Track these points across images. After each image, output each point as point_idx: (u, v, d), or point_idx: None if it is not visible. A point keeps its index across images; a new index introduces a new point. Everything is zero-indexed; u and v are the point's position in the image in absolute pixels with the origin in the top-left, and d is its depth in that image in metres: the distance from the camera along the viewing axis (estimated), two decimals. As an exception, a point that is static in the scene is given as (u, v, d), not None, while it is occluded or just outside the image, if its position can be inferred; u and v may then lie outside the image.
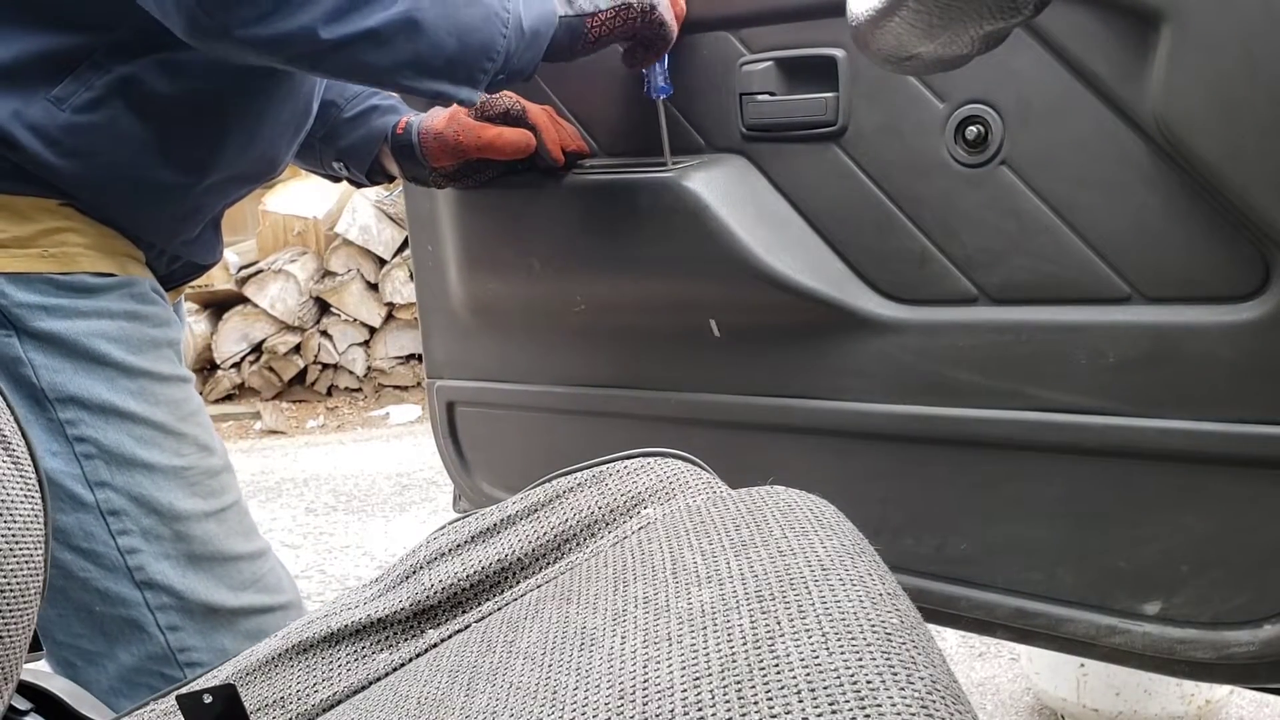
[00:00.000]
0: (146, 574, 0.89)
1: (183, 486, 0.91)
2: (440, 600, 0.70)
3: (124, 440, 0.88)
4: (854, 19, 0.61)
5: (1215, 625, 0.91)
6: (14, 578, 0.58)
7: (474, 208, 1.19)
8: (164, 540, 0.90)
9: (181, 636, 0.91)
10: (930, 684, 0.42)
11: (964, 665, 1.91)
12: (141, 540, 0.89)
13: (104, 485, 0.87)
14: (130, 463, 0.88)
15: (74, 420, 0.86)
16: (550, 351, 1.21)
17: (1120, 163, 0.87)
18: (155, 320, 0.93)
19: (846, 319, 1.01)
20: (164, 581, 0.90)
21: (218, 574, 0.93)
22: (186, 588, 0.91)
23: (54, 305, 0.85)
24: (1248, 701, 1.71)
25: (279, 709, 0.66)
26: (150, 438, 0.90)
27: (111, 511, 0.88)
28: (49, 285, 0.85)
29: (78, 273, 0.86)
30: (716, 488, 0.72)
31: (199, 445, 0.94)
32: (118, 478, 0.88)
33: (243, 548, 0.96)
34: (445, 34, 0.85)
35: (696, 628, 0.49)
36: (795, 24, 0.99)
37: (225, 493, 0.96)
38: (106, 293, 0.88)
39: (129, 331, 0.89)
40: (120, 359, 0.88)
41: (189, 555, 0.91)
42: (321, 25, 0.79)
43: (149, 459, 0.89)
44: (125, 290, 0.90)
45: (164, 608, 0.91)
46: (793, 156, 1.02)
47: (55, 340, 0.85)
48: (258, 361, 4.17)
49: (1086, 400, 0.92)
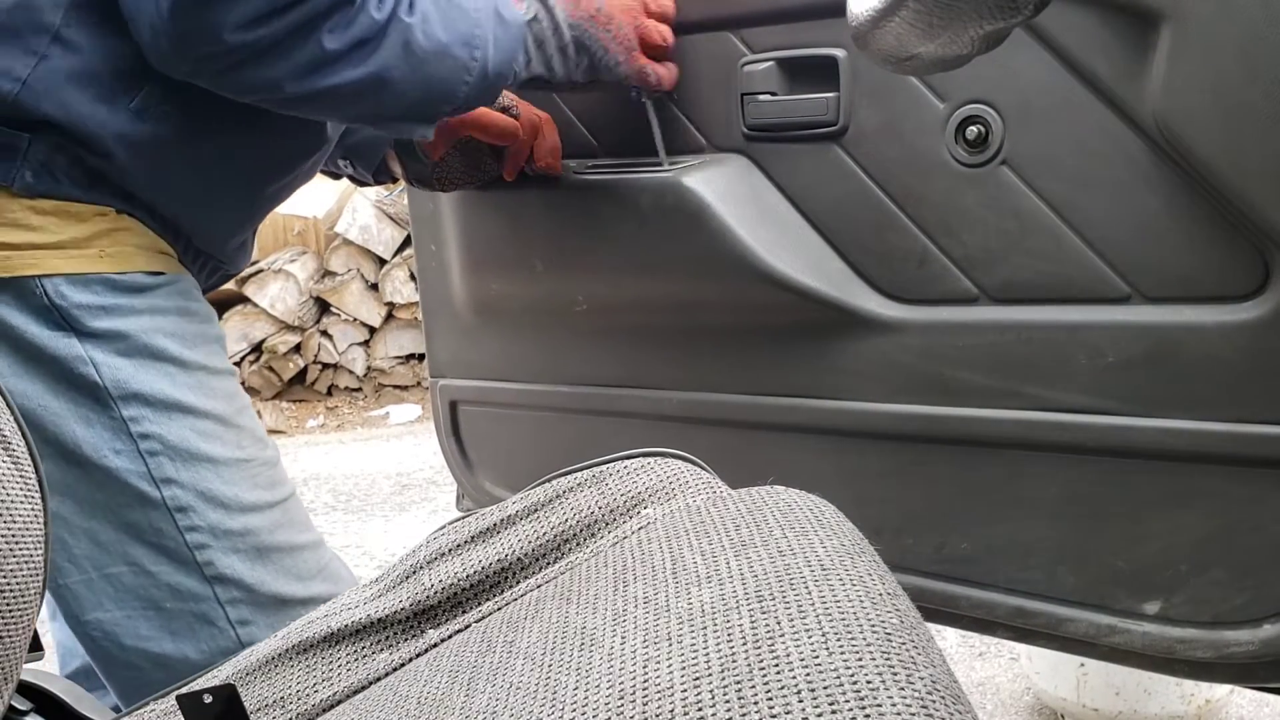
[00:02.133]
0: (216, 569, 0.89)
1: (246, 479, 0.91)
2: (440, 600, 0.70)
3: (187, 435, 0.88)
4: (854, 19, 0.61)
5: (1215, 625, 0.91)
6: (14, 578, 0.58)
7: (477, 208, 1.19)
8: (232, 534, 0.90)
9: (252, 630, 0.91)
10: (930, 684, 0.42)
11: (964, 665, 1.91)
12: (209, 535, 0.89)
13: (170, 482, 0.87)
14: (195, 457, 0.88)
15: (137, 417, 0.86)
16: (553, 351, 1.21)
17: (1120, 163, 0.87)
18: (203, 315, 0.93)
19: (847, 319, 1.01)
20: (234, 575, 0.90)
21: (285, 565, 0.93)
22: (256, 580, 0.91)
23: (111, 305, 0.85)
24: (1248, 701, 1.71)
25: (279, 709, 0.66)
26: (212, 431, 0.90)
27: (179, 508, 0.88)
28: (105, 285, 0.85)
29: (132, 272, 0.87)
30: (716, 488, 0.72)
31: (255, 437, 0.94)
32: (183, 473, 0.88)
33: (304, 538, 0.97)
34: (410, 87, 0.86)
35: (696, 628, 0.49)
36: (796, 24, 0.99)
37: (283, 484, 0.96)
38: (158, 290, 0.88)
39: (182, 327, 0.90)
40: (177, 354, 0.88)
41: (257, 548, 0.91)
42: (288, 80, 0.81)
43: (212, 453, 0.89)
44: (174, 287, 0.90)
45: (234, 601, 0.90)
46: (794, 156, 1.02)
47: (114, 338, 0.85)
48: (258, 361, 4.17)
49: (1086, 400, 0.92)
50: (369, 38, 0.81)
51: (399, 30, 0.83)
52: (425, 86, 0.87)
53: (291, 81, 0.81)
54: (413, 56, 0.84)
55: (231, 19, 0.75)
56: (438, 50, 0.86)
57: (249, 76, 0.80)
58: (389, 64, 0.83)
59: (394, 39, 0.83)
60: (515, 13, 0.93)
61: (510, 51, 0.92)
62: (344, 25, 0.80)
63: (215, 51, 0.77)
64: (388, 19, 0.82)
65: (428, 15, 0.85)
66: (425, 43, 0.84)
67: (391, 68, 0.83)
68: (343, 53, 0.81)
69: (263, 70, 0.79)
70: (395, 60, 0.83)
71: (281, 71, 0.80)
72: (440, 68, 0.87)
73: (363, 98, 0.84)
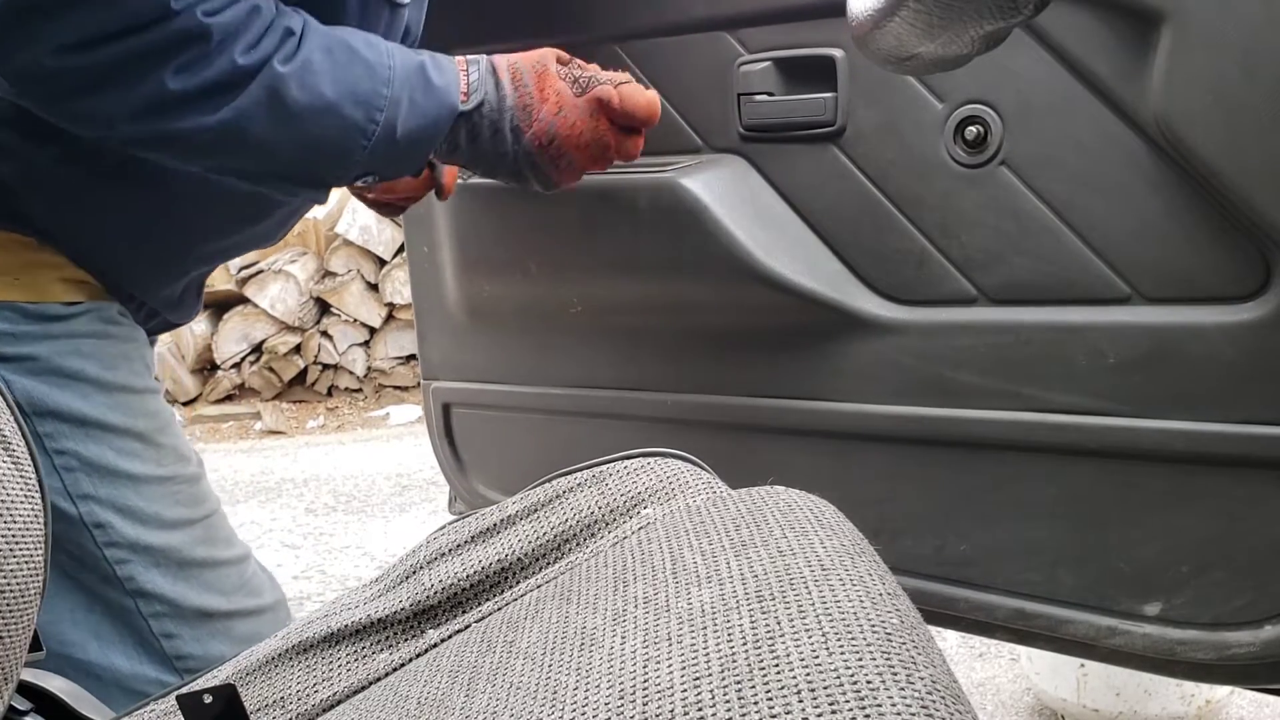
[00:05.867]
0: (137, 583, 0.89)
1: (167, 496, 0.91)
2: (440, 600, 0.70)
3: (105, 453, 0.88)
4: (854, 19, 0.61)
5: (1216, 626, 0.91)
6: (14, 578, 0.58)
7: (470, 209, 1.19)
8: (152, 550, 0.90)
9: (178, 643, 0.91)
10: (930, 684, 0.42)
11: (964, 665, 1.91)
12: (129, 551, 0.89)
13: (87, 498, 0.87)
14: (113, 474, 0.88)
15: (53, 433, 0.86)
16: (547, 353, 1.21)
17: (1120, 163, 0.87)
18: (124, 336, 0.92)
19: (845, 320, 1.00)
20: (155, 590, 0.90)
21: (207, 580, 0.93)
22: (178, 595, 0.91)
23: (22, 332, 0.84)
24: (1248, 701, 1.71)
25: (279, 709, 0.66)
26: (131, 449, 0.89)
27: (97, 524, 0.87)
28: (16, 313, 0.84)
29: (46, 301, 0.85)
30: (716, 488, 0.72)
31: (178, 455, 0.94)
32: (101, 490, 0.87)
33: (227, 553, 0.96)
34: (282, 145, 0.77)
35: (696, 628, 0.49)
36: (794, 24, 0.99)
37: (206, 500, 0.96)
38: (74, 319, 0.87)
39: (101, 348, 0.89)
40: (95, 374, 0.87)
41: (179, 563, 0.91)
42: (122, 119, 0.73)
43: (131, 470, 0.89)
44: (94, 314, 0.89)
45: (158, 615, 0.91)
46: (791, 157, 1.02)
47: (25, 360, 0.84)
48: (258, 362, 4.17)
49: (1086, 401, 0.92)
50: (226, 83, 0.73)
51: (268, 79, 0.74)
52: (303, 146, 0.78)
53: (126, 120, 0.73)
54: (282, 109, 0.75)
55: (54, 39, 0.68)
56: (318, 106, 0.76)
57: (77, 105, 0.73)
58: (249, 114, 0.74)
59: (258, 88, 0.74)
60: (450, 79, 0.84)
61: (431, 119, 0.83)
62: (196, 65, 0.71)
63: (35, 73, 0.70)
64: (256, 65, 0.73)
65: (311, 66, 0.76)
66: (301, 96, 0.75)
67: (253, 119, 0.74)
68: (190, 95, 0.72)
69: (92, 101, 0.72)
70: (257, 111, 0.74)
71: (113, 106, 0.72)
72: (322, 126, 0.77)
73: (218, 149, 0.76)
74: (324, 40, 0.78)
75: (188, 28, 0.70)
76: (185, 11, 0.69)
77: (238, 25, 0.72)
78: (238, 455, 3.68)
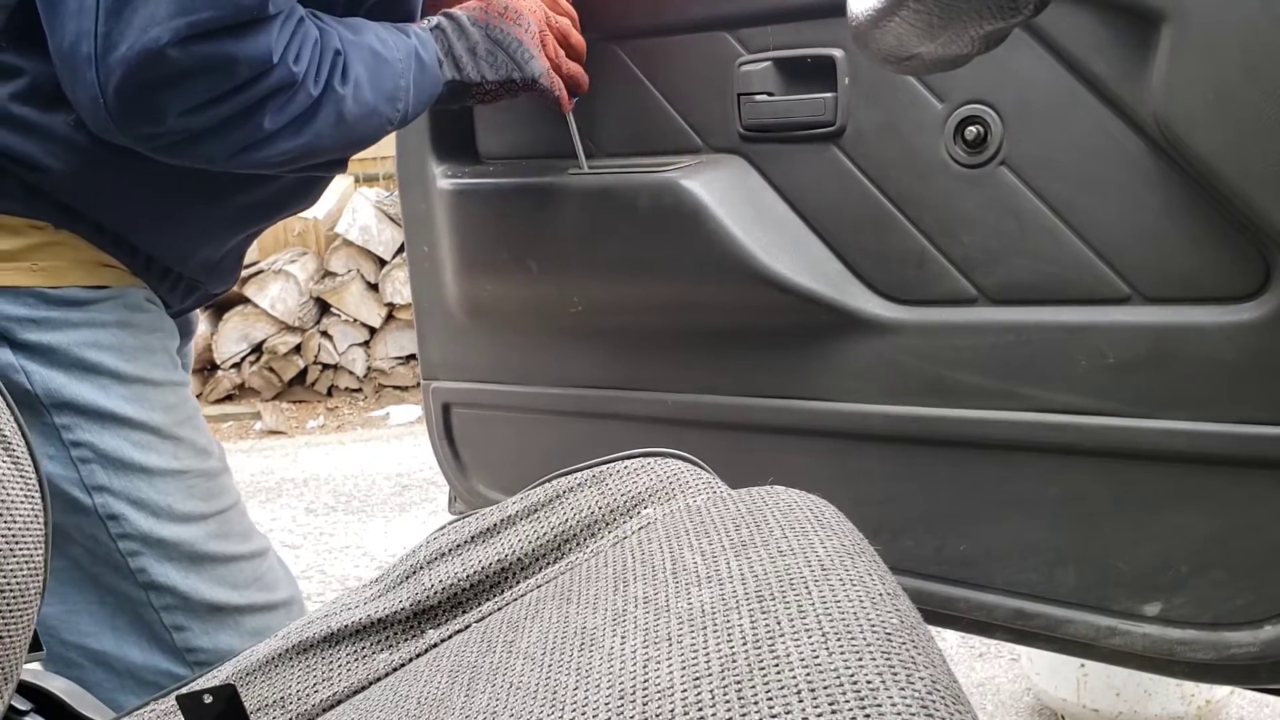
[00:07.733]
0: (149, 576, 0.90)
1: (181, 489, 0.92)
2: (440, 600, 0.70)
3: (121, 445, 0.88)
4: (854, 19, 0.61)
5: (1216, 626, 0.91)
6: (14, 578, 0.58)
7: (470, 208, 1.19)
8: (165, 543, 0.90)
9: (188, 636, 0.92)
10: (930, 684, 0.42)
11: (964, 665, 1.91)
12: (141, 543, 0.89)
13: (102, 490, 0.88)
14: (128, 467, 0.89)
15: (69, 425, 0.86)
16: (547, 353, 1.21)
17: (1120, 163, 0.87)
18: (148, 326, 0.93)
19: (845, 320, 1.00)
20: (167, 583, 0.91)
21: (219, 574, 0.94)
22: (190, 588, 0.91)
23: (43, 318, 0.85)
24: (1248, 702, 1.71)
25: (279, 709, 0.66)
26: (147, 442, 0.90)
27: (110, 516, 0.88)
28: (37, 299, 0.85)
29: (67, 286, 0.86)
30: (716, 488, 0.72)
31: (196, 449, 0.94)
32: (116, 482, 0.88)
33: (242, 548, 0.97)
34: (336, 147, 0.87)
35: (696, 628, 0.49)
36: (794, 24, 0.99)
37: (224, 495, 0.96)
38: (97, 304, 0.88)
39: (121, 339, 0.89)
40: (114, 366, 0.88)
41: (190, 556, 0.92)
42: (222, 157, 0.81)
43: (146, 463, 0.89)
44: (118, 301, 0.90)
45: (169, 608, 0.91)
46: (791, 157, 1.02)
47: (45, 351, 0.85)
48: (258, 362, 4.17)
49: (1086, 401, 0.92)
50: (306, 114, 0.82)
51: (333, 102, 0.84)
52: (350, 142, 0.88)
53: (225, 158, 0.81)
54: (343, 123, 0.85)
55: (176, 105, 0.76)
56: (366, 113, 0.87)
57: (185, 153, 0.80)
58: (321, 133, 0.84)
59: (327, 111, 0.83)
60: (431, 52, 0.95)
61: (430, 92, 0.95)
62: (286, 106, 0.80)
63: (156, 132, 0.77)
64: (323, 92, 0.83)
65: (359, 81, 0.86)
66: (356, 109, 0.86)
67: (323, 136, 0.84)
68: (280, 130, 0.81)
69: (200, 148, 0.80)
70: (326, 129, 0.84)
71: (217, 149, 0.80)
72: (366, 127, 0.88)
73: (292, 162, 0.85)
74: (358, 51, 0.87)
75: (283, 77, 0.79)
76: (280, 64, 0.78)
77: (310, 62, 0.81)
78: (238, 455, 3.68)
